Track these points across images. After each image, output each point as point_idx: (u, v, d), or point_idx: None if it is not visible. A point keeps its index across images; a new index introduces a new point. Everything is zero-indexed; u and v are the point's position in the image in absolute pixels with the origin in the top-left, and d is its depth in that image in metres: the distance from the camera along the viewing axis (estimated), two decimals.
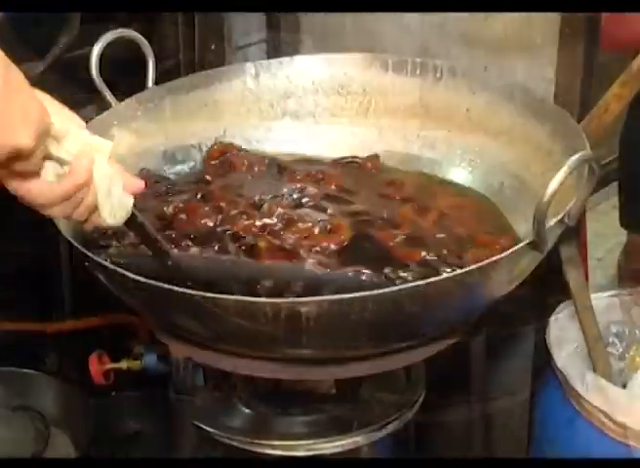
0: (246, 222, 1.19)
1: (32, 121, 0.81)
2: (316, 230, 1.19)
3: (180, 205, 1.24)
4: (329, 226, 1.19)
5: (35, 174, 0.86)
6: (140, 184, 1.00)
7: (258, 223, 1.19)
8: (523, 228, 1.22)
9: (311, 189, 1.28)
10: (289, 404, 1.27)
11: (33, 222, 1.34)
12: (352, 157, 1.39)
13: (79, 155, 0.90)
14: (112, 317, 1.51)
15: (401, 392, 1.28)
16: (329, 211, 1.23)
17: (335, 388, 1.26)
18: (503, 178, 1.32)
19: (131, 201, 0.99)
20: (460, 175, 1.36)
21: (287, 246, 1.15)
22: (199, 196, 1.27)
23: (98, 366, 1.35)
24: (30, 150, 0.82)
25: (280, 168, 1.35)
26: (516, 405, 1.47)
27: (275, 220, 1.20)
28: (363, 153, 1.40)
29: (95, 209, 0.94)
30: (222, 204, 1.23)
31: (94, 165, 0.92)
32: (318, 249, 1.15)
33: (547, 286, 1.39)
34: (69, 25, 1.34)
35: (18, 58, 1.31)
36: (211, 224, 1.20)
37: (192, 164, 1.40)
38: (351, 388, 1.27)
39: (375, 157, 1.39)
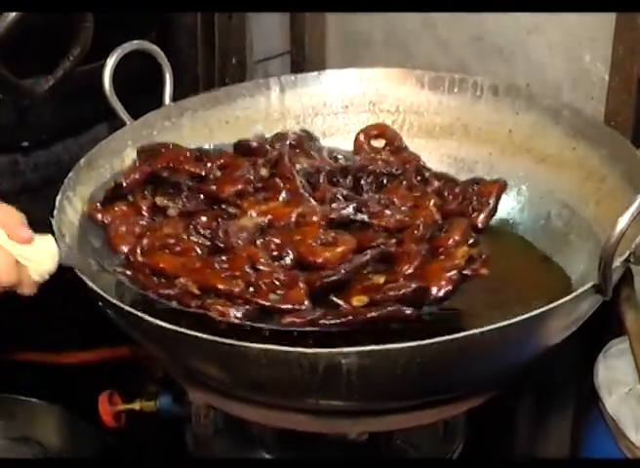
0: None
1: None
2: None
3: None
4: None
5: None
6: (26, 235, 0.94)
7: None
8: (574, 265, 1.12)
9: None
10: (315, 451, 1.17)
11: None
12: None
13: None
14: (124, 350, 1.41)
15: (438, 443, 1.18)
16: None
17: (366, 435, 1.16)
18: (551, 207, 1.21)
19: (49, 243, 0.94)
20: (502, 202, 1.25)
21: None
22: None
23: (108, 407, 1.25)
24: None
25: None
26: (560, 455, 1.36)
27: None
28: None
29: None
30: None
31: None
32: None
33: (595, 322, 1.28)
34: (81, 37, 1.24)
35: (25, 73, 1.24)
36: None
37: None
38: (384, 436, 1.17)
39: None
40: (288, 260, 1.03)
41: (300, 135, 1.24)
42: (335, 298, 1.00)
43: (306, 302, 0.97)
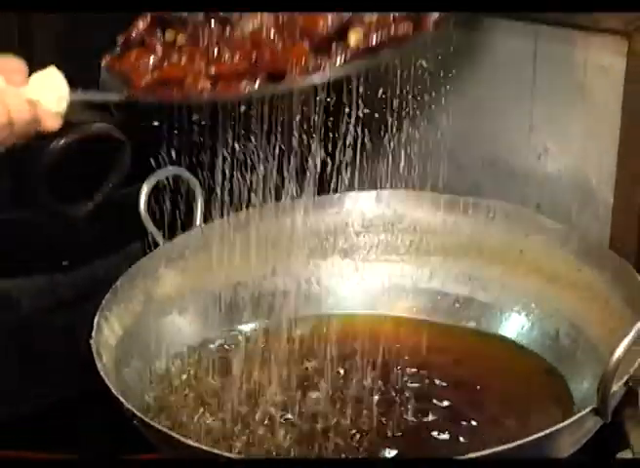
0: None
1: None
2: None
3: None
4: None
5: None
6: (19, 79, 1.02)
7: None
8: (579, 384, 1.18)
9: None
10: None
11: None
12: None
13: None
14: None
15: None
16: None
17: None
18: (559, 326, 1.28)
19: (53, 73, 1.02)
20: (513, 319, 1.32)
21: None
22: None
23: None
24: None
25: None
26: None
27: None
28: (415, 293, 1.37)
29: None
30: None
31: None
32: None
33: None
34: (119, 163, 1.33)
35: (65, 199, 1.33)
36: None
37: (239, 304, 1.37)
38: None
39: None
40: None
41: None
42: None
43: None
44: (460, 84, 1.42)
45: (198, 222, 1.36)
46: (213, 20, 1.12)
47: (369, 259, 1.42)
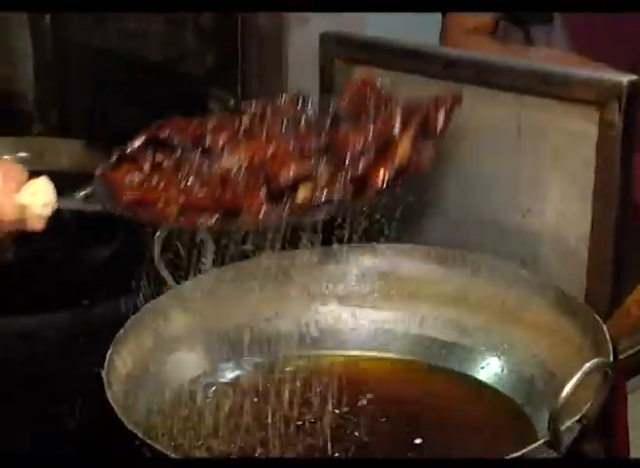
0: None
1: None
2: None
3: None
4: None
5: None
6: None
7: None
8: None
9: None
10: None
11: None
12: None
13: None
14: None
15: None
16: None
17: None
18: (534, 371, 1.39)
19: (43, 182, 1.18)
20: (493, 363, 1.44)
21: None
22: None
23: None
24: None
25: None
26: None
27: None
28: (403, 339, 1.50)
29: None
30: None
31: None
32: None
33: None
34: None
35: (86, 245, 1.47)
36: None
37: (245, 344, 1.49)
38: None
39: None
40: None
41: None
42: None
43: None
44: (453, 150, 1.54)
45: (208, 266, 1.49)
46: (199, 151, 1.28)
47: (364, 306, 1.54)
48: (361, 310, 1.54)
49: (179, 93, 2.03)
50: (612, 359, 1.22)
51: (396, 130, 1.26)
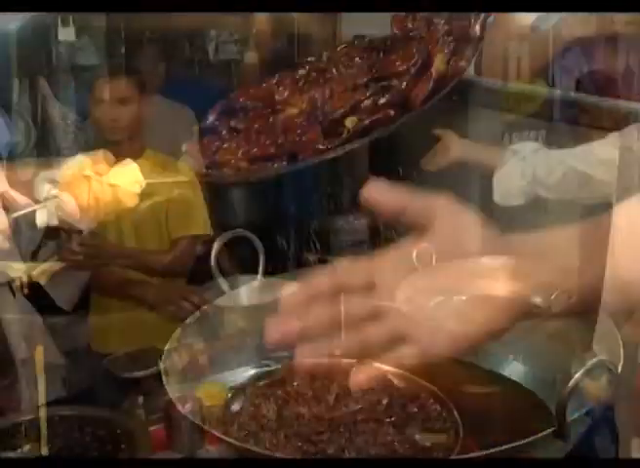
0: None
1: None
2: None
3: None
4: None
5: None
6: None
7: None
8: None
9: None
10: None
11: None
12: None
13: None
14: None
15: None
16: None
17: None
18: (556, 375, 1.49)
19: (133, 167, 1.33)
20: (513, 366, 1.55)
21: None
22: None
23: None
24: None
25: None
26: None
27: None
28: None
29: None
30: None
31: None
32: None
33: None
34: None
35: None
36: None
37: None
38: None
39: None
40: None
41: None
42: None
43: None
44: None
45: (259, 276, 1.62)
46: (269, 109, 1.44)
47: None
48: None
49: None
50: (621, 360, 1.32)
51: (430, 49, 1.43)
